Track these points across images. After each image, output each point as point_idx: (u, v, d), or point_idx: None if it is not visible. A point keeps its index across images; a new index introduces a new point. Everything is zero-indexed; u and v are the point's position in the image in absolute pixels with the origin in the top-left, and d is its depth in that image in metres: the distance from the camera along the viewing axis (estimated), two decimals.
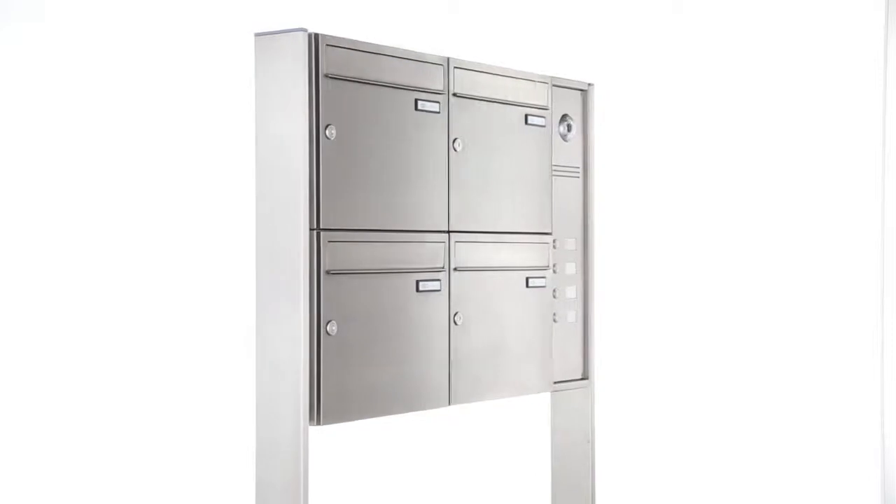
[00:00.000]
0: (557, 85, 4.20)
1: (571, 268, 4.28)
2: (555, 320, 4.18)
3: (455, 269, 3.79)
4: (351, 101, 3.45)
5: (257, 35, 3.41)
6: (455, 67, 3.80)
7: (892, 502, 4.83)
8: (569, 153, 4.27)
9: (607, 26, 4.85)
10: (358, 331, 3.46)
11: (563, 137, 4.22)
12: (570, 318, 4.25)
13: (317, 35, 3.36)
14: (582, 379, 4.32)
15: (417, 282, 3.67)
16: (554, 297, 4.18)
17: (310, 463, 3.60)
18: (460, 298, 3.81)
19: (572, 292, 4.28)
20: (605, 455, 4.59)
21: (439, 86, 3.73)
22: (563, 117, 4.24)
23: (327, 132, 3.37)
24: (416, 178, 3.66)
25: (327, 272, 3.39)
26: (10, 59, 3.37)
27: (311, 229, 3.38)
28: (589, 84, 4.34)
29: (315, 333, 3.38)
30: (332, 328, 3.39)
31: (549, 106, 4.14)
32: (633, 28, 4.91)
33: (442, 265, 3.75)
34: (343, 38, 3.43)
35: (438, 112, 3.73)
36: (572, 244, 4.28)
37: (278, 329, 3.38)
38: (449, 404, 3.78)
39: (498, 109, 3.95)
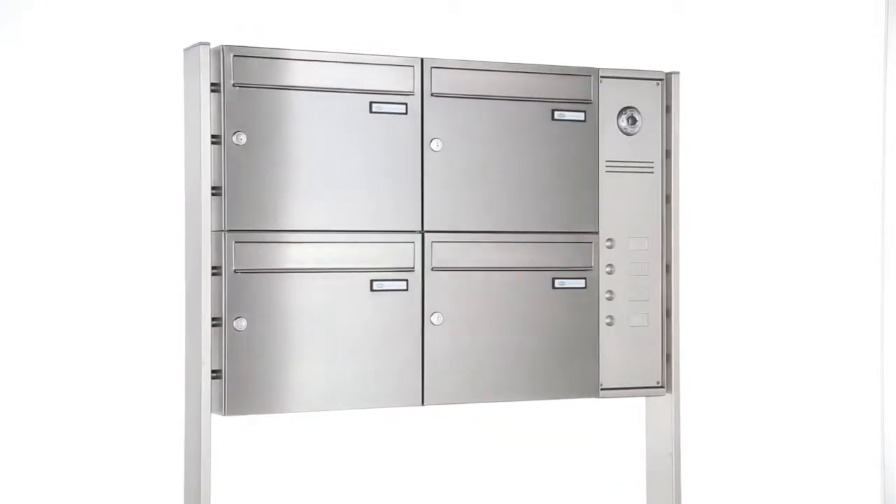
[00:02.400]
0: (611, 76, 4.02)
1: (638, 269, 4.06)
2: (609, 323, 4.00)
3: (433, 269, 3.78)
4: (267, 107, 3.61)
5: (185, 49, 3.70)
6: (433, 67, 3.79)
7: (892, 502, 4.33)
8: (635, 147, 4.06)
9: (681, 14, 4.51)
10: (274, 327, 3.61)
11: (624, 131, 4.03)
12: (634, 321, 4.04)
13: (222, 47, 3.58)
14: (658, 387, 4.08)
15: (372, 281, 3.73)
16: (608, 299, 4.00)
17: (240, 450, 3.85)
18: (442, 299, 3.79)
19: (639, 294, 4.06)
20: (693, 469, 4.29)
21: (407, 87, 3.75)
22: (624, 110, 4.04)
23: (235, 138, 3.57)
24: (367, 180, 3.71)
25: (235, 271, 3.59)
26: None
27: (220, 230, 3.59)
28: (670, 73, 4.10)
29: (223, 329, 3.58)
30: (241, 324, 3.58)
31: (594, 99, 3.98)
32: (706, 18, 4.54)
33: (411, 265, 3.76)
34: (253, 48, 3.61)
35: (405, 113, 3.75)
36: (640, 244, 4.05)
37: (190, 325, 3.65)
38: (423, 404, 3.79)
39: (500, 106, 3.87)
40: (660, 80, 4.06)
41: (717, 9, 4.50)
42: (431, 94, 3.77)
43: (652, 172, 4.05)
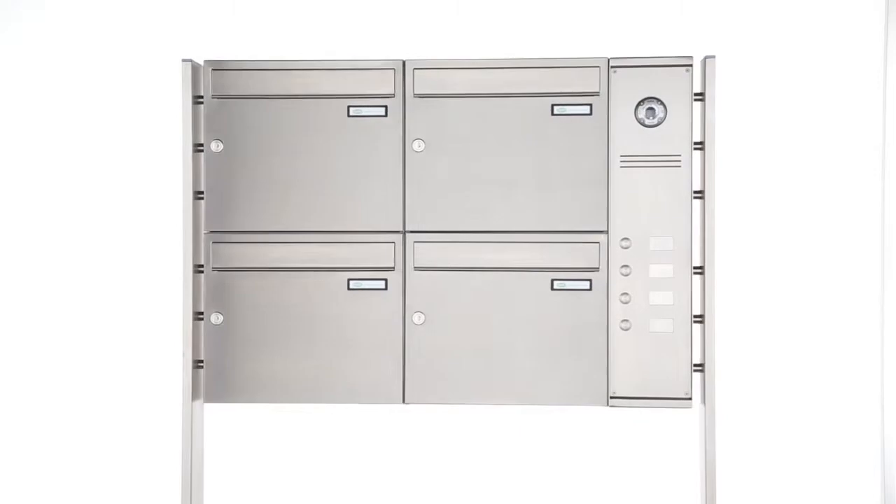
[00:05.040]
0: (626, 66, 3.84)
1: (661, 270, 3.85)
2: (624, 328, 3.88)
3: (416, 269, 3.90)
4: (245, 117, 3.92)
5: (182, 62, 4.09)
6: (415, 69, 3.90)
7: (892, 502, 3.79)
8: (656, 140, 3.84)
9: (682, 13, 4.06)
10: (248, 322, 3.91)
11: (642, 122, 3.87)
12: (655, 326, 3.84)
13: (204, 63, 3.97)
14: (684, 399, 3.88)
15: (349, 280, 3.94)
16: (624, 302, 3.88)
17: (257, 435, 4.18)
18: (424, 299, 3.85)
19: (661, 298, 3.86)
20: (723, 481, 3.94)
21: (387, 90, 3.89)
22: (644, 101, 3.88)
23: (212, 146, 3.96)
24: (345, 181, 3.82)
25: (213, 269, 3.97)
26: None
27: (205, 232, 3.98)
28: (705, 57, 3.87)
29: (205, 323, 3.98)
30: (217, 319, 3.96)
31: (602, 91, 3.86)
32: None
33: (391, 265, 3.91)
34: (232, 62, 3.91)
35: (385, 115, 3.90)
36: (663, 243, 3.85)
37: (178, 319, 4.07)
38: (404, 402, 3.90)
39: (489, 104, 3.82)
40: (688, 66, 3.78)
41: None
42: (414, 96, 3.81)
43: (679, 166, 3.79)
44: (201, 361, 3.88)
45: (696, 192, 3.79)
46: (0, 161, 4.14)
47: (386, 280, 3.81)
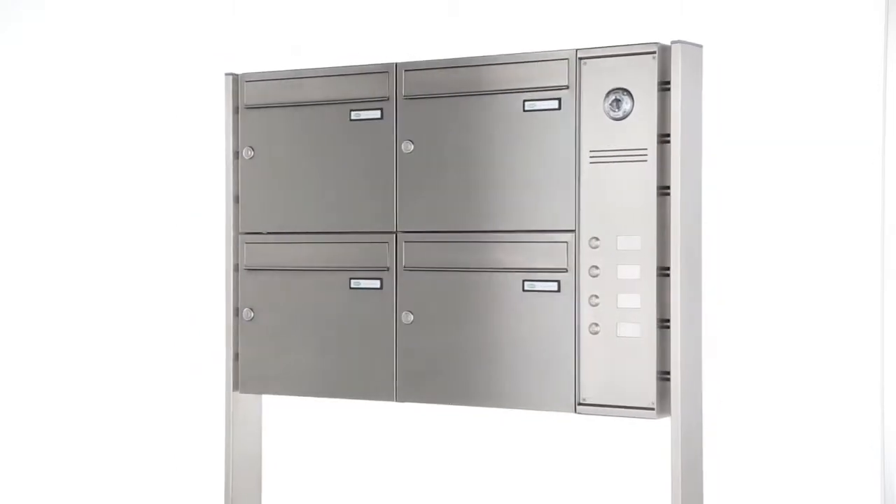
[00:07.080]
0: (594, 56, 3.70)
1: (629, 271, 3.71)
2: (593, 332, 3.80)
3: (406, 269, 4.05)
4: (270, 125, 4.16)
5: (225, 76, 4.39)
6: (406, 70, 4.03)
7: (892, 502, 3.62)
8: (625, 133, 3.67)
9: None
10: (274, 318, 4.14)
11: (608, 115, 3.76)
12: (625, 331, 3.68)
13: (240, 75, 4.33)
14: (648, 409, 3.74)
15: (350, 279, 4.17)
16: (593, 304, 3.82)
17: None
18: (413, 298, 3.92)
19: (630, 300, 3.73)
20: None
21: (382, 92, 4.05)
22: (612, 92, 3.78)
23: (244, 153, 4.32)
24: (348, 184, 3.98)
25: (245, 268, 4.33)
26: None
27: (238, 233, 4.35)
28: (675, 42, 3.69)
29: (239, 319, 4.33)
30: (248, 315, 4.31)
31: (572, 83, 3.80)
32: None
33: (386, 265, 4.09)
34: (261, 73, 4.20)
35: (381, 118, 4.06)
36: (631, 242, 3.69)
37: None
38: (396, 400, 4.04)
39: (472, 102, 3.80)
40: (653, 52, 3.64)
41: None
42: (405, 97, 3.94)
43: (645, 161, 3.65)
44: (237, 355, 4.15)
45: (662, 187, 3.57)
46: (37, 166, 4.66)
47: (381, 280, 3.90)
